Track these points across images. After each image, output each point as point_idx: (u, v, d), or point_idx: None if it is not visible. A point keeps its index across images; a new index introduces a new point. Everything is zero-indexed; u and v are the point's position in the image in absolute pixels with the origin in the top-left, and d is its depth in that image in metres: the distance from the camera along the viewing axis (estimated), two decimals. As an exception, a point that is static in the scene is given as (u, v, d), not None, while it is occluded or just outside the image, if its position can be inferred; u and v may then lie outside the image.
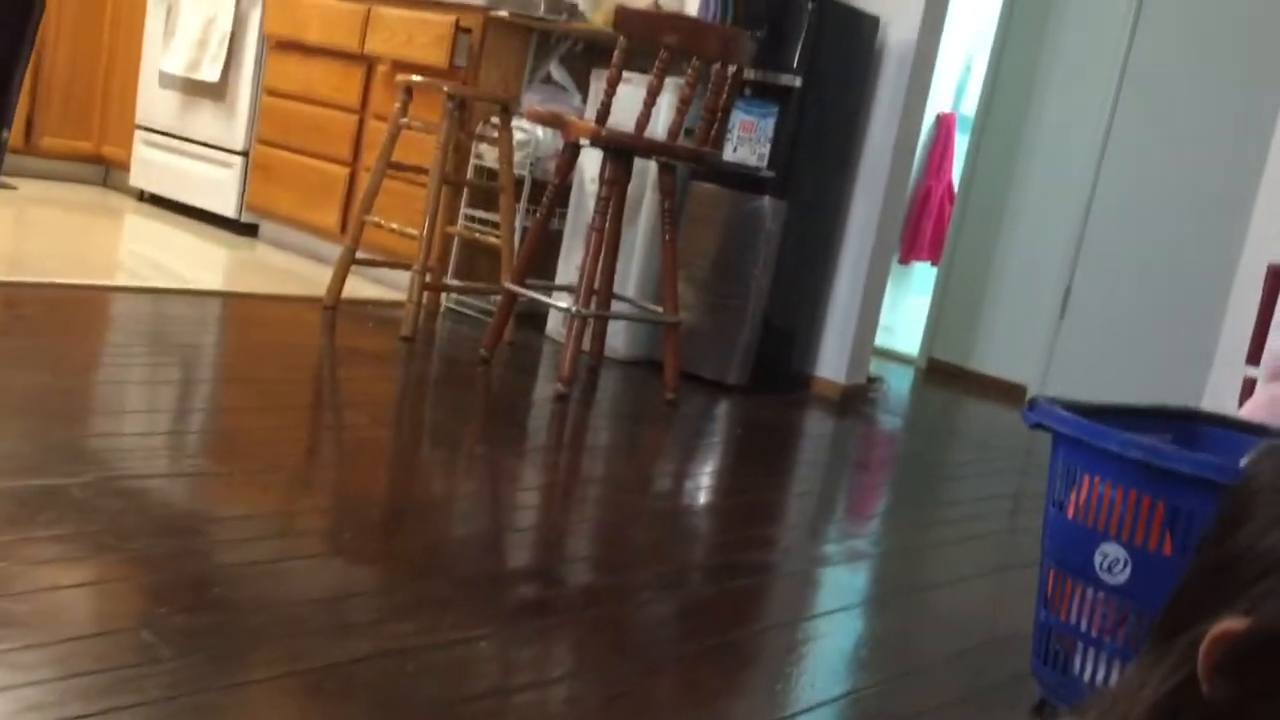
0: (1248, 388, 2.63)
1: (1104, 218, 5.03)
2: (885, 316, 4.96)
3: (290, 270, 4.67)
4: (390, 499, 2.41)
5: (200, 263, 4.74)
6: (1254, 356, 2.69)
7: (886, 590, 2.43)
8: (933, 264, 6.02)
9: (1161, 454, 1.59)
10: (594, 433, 3.34)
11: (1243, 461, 0.64)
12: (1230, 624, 0.52)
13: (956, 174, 5.99)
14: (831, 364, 4.21)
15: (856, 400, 4.25)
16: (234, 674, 1.49)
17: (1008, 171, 5.35)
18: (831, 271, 4.20)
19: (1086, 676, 1.70)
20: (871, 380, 4.48)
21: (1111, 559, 1.65)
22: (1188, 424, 2.02)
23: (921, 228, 6.32)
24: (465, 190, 4.24)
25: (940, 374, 5.49)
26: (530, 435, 3.16)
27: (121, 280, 4.05)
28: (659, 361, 3.70)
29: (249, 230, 5.20)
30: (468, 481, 2.66)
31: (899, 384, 5.19)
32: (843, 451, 3.73)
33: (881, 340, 5.51)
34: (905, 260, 6.44)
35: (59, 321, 3.32)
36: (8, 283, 3.53)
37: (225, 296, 4.10)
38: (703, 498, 2.91)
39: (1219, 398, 2.97)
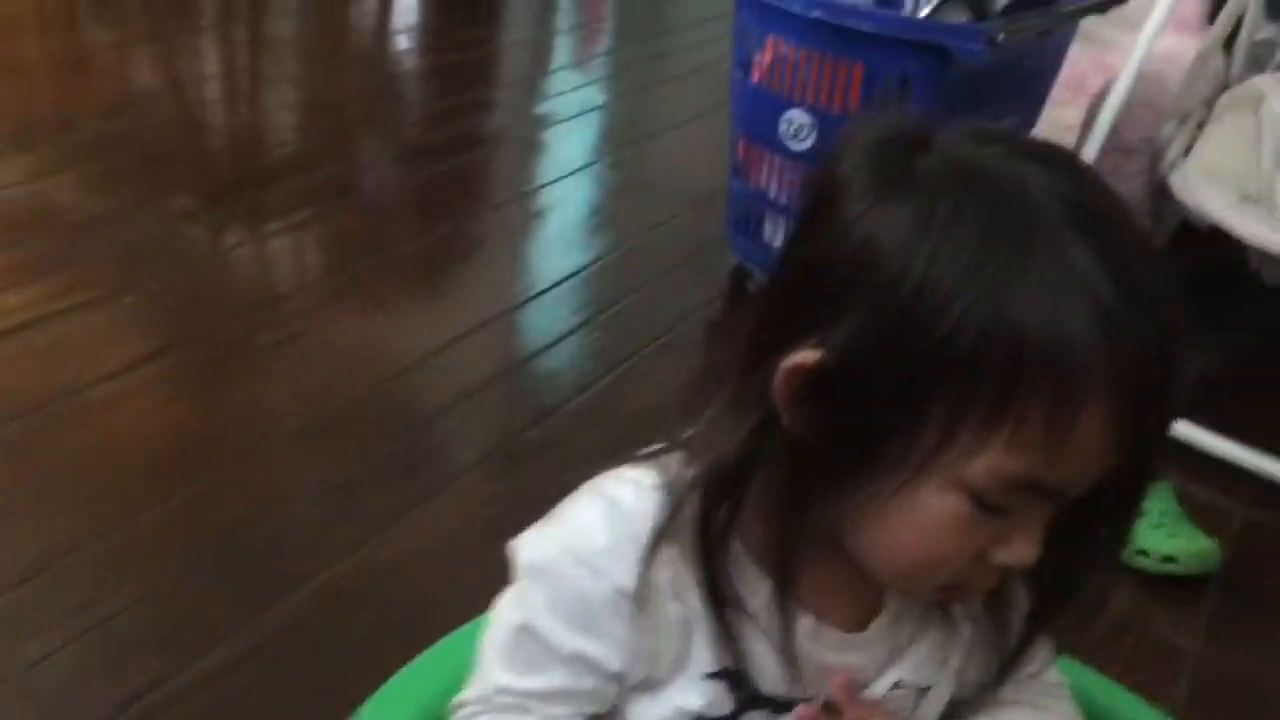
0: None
1: None
2: None
3: None
4: (60, 105, 2.09)
5: None
6: None
7: (603, 151, 2.33)
8: None
9: (843, 12, 1.47)
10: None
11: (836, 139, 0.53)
12: (801, 357, 0.48)
13: None
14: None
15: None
16: None
17: None
18: None
19: (776, 242, 1.69)
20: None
21: (797, 125, 1.58)
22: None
23: None
24: None
25: None
26: (198, 5, 2.76)
27: None
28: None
29: None
30: (138, 72, 2.33)
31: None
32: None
33: None
34: None
35: None
36: None
37: None
38: (406, 63, 2.67)
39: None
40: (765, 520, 0.53)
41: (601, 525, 0.54)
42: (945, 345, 0.45)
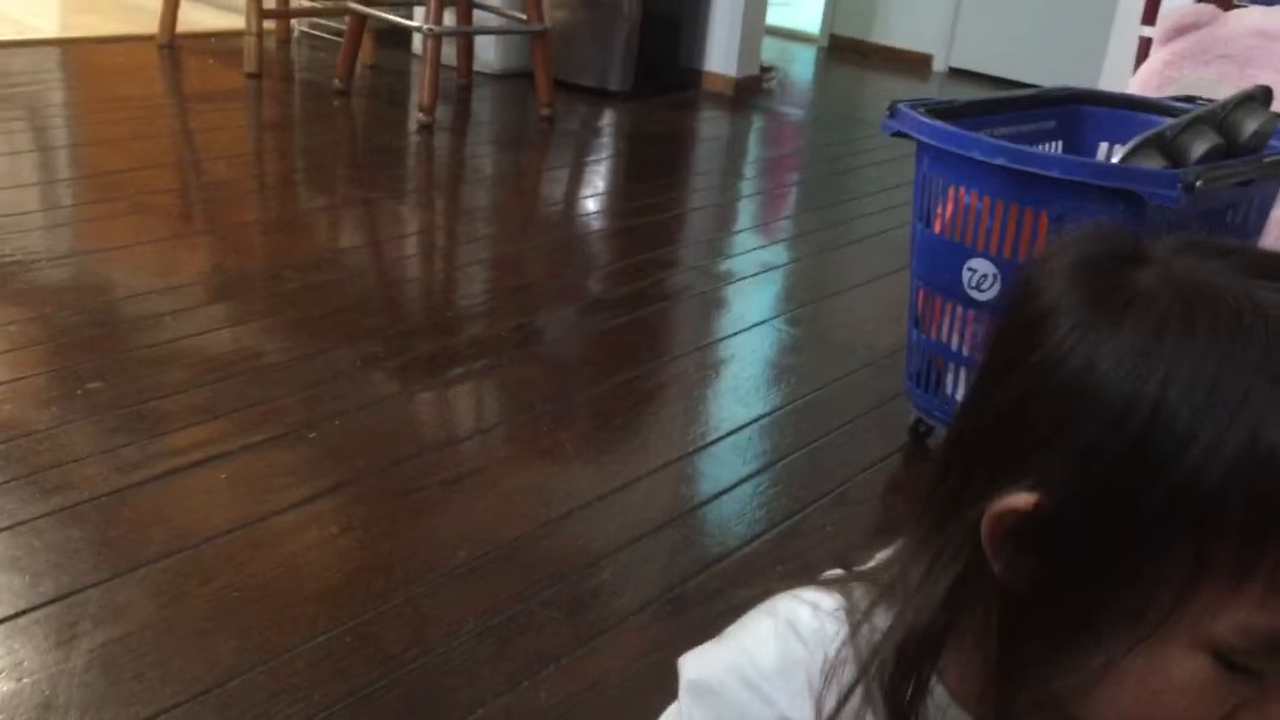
0: (1144, 48, 2.46)
1: None
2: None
3: (123, 2, 4.23)
4: (269, 259, 2.23)
5: (27, 5, 4.27)
6: (1149, 16, 2.50)
7: (783, 308, 2.33)
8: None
9: (1027, 158, 1.44)
10: (470, 163, 3.13)
11: (1035, 255, 0.49)
12: (1013, 500, 0.42)
13: None
14: (721, 55, 3.95)
15: (751, 93, 4.02)
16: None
17: None
18: (715, -48, 3.86)
19: (958, 395, 1.62)
20: (766, 69, 4.23)
21: (980, 274, 1.53)
22: (1072, 107, 1.86)
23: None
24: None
25: (843, 51, 5.22)
26: (398, 174, 2.94)
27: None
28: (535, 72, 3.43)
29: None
30: (337, 234, 2.47)
31: (801, 68, 4.94)
32: (738, 155, 3.55)
33: (782, 19, 5.20)
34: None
35: None
36: None
37: (61, 44, 3.70)
38: (592, 225, 2.75)
39: (1117, 61, 2.80)
40: (971, 673, 0.47)
41: (773, 646, 0.50)
42: (1189, 480, 0.39)
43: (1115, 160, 1.48)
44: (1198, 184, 1.36)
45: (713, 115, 3.79)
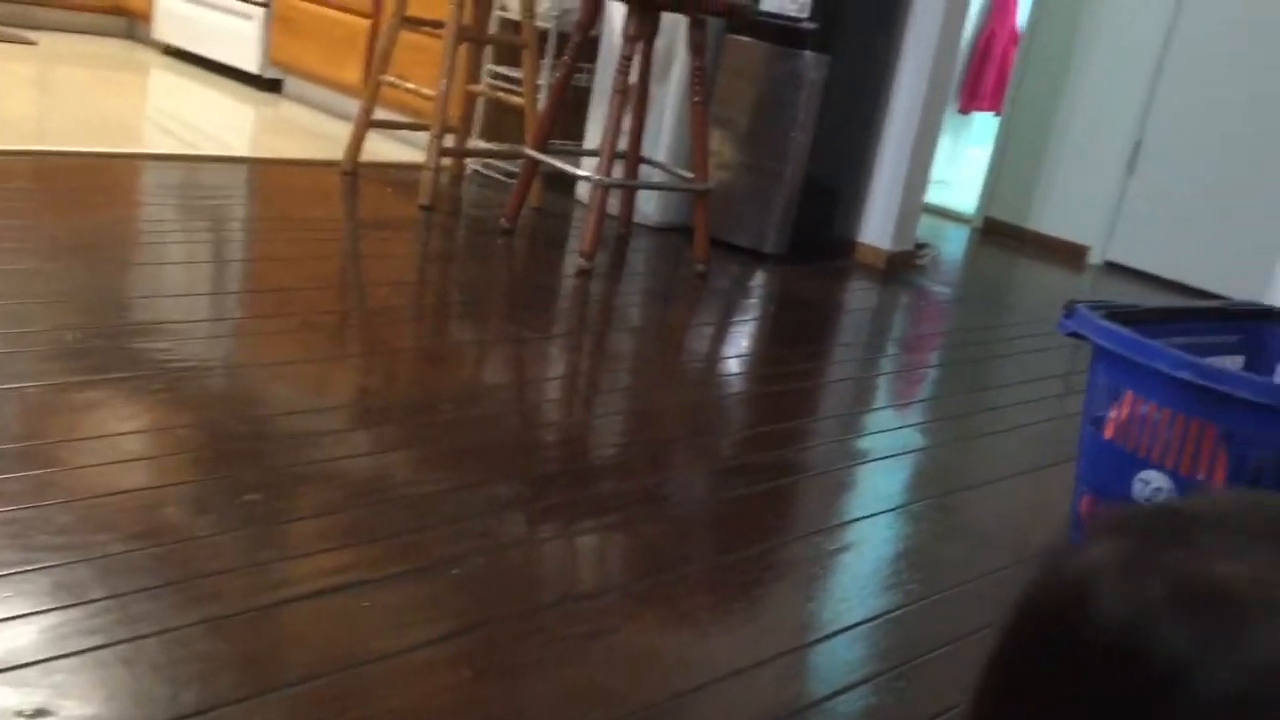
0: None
1: (1180, 65, 4.66)
2: (942, 171, 4.68)
3: (313, 129, 4.49)
4: (423, 389, 2.29)
5: (226, 123, 4.57)
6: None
7: (923, 493, 2.28)
8: (995, 114, 5.68)
9: (1215, 376, 1.40)
10: (619, 312, 3.18)
11: (1065, 545, 0.44)
12: None
13: (1022, 17, 5.59)
14: (876, 229, 3.98)
15: (903, 268, 4.03)
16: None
17: (1075, 14, 4.96)
18: (878, 129, 3.93)
19: (1119, 611, 1.55)
20: (920, 246, 4.25)
21: (1154, 487, 1.47)
22: (1258, 323, 1.81)
23: (984, 75, 5.96)
24: (488, 46, 4.00)
25: (997, 234, 5.22)
26: (551, 315, 3.01)
27: (149, 145, 3.90)
28: (693, 227, 3.50)
29: (273, 86, 5.01)
30: (487, 369, 2.53)
31: (953, 247, 4.94)
32: (885, 329, 3.54)
33: (938, 197, 5.24)
34: (966, 110, 6.10)
35: (88, 191, 3.19)
36: (35, 151, 3.40)
37: (250, 163, 3.94)
38: (733, 386, 2.76)
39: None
40: None
41: None
42: None
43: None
44: (1398, 421, 1.30)
45: (862, 286, 3.80)
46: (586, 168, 3.37)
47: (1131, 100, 4.75)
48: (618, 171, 3.45)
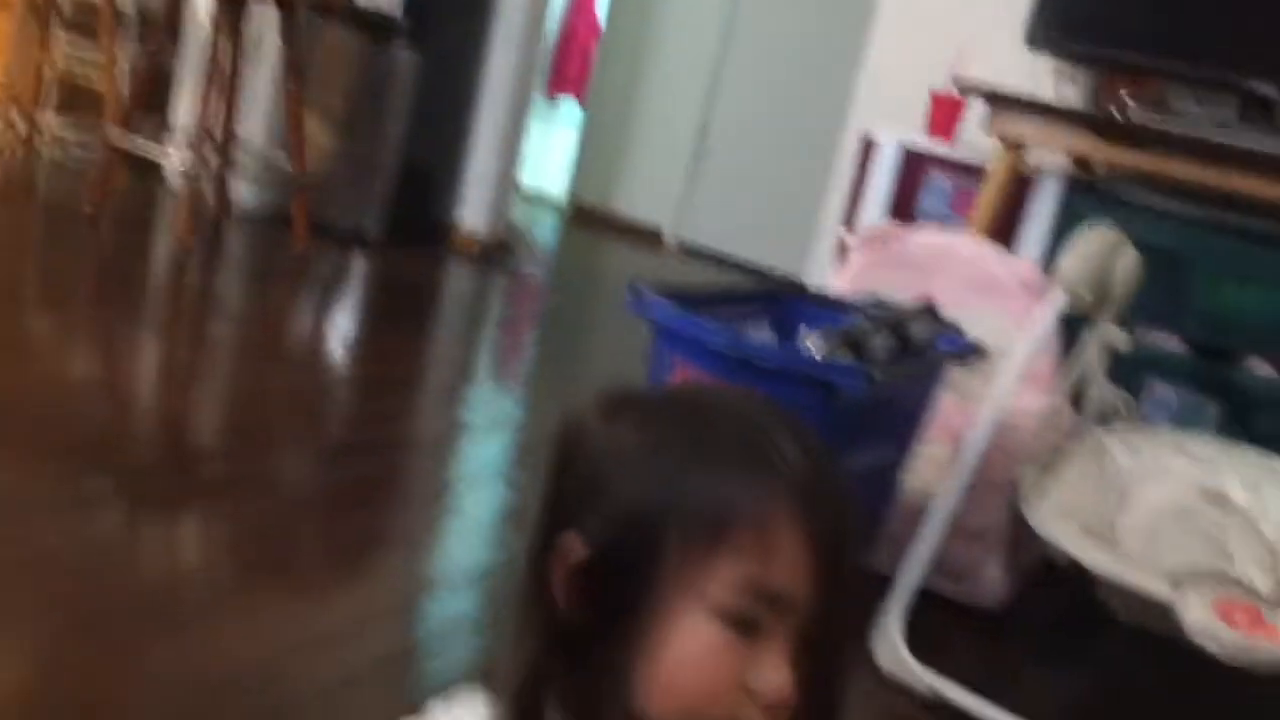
0: (844, 247, 2.84)
1: (739, 56, 5.11)
2: (535, 156, 4.90)
3: None
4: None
5: None
6: (847, 220, 2.90)
7: (521, 458, 2.49)
8: (579, 103, 6.03)
9: (746, 348, 1.70)
10: (218, 299, 3.17)
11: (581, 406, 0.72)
12: (569, 550, 0.63)
13: (601, 10, 5.96)
14: (473, 213, 4.18)
15: (498, 251, 4.26)
16: None
17: (649, 6, 5.34)
18: (472, 116, 4.12)
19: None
20: (513, 228, 4.49)
21: (702, 442, 1.76)
22: (787, 302, 2.16)
23: (569, 60, 6.29)
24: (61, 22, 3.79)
25: (584, 217, 5.57)
26: (146, 304, 2.95)
27: None
28: (292, 214, 3.53)
29: None
30: (77, 363, 2.46)
31: (545, 229, 5.24)
32: (483, 309, 3.75)
33: (532, 181, 5.51)
34: (553, 94, 6.41)
35: None
36: None
37: None
38: (337, 368, 2.85)
39: (823, 256, 3.20)
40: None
41: None
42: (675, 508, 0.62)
43: (810, 345, 1.77)
44: (877, 376, 1.65)
45: (460, 270, 3.99)
46: (175, 151, 3.31)
47: (698, 87, 5.18)
48: (210, 155, 3.41)
